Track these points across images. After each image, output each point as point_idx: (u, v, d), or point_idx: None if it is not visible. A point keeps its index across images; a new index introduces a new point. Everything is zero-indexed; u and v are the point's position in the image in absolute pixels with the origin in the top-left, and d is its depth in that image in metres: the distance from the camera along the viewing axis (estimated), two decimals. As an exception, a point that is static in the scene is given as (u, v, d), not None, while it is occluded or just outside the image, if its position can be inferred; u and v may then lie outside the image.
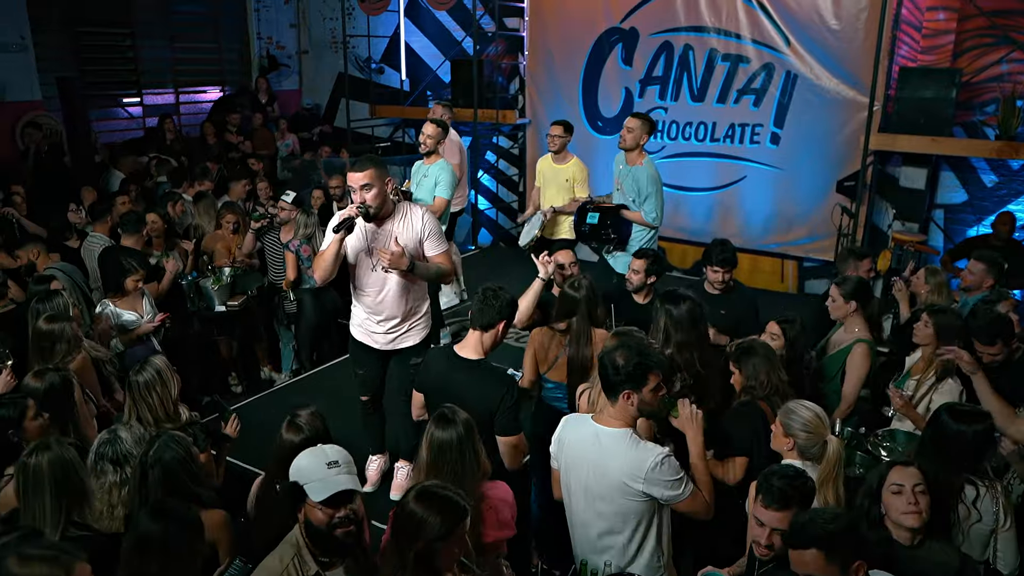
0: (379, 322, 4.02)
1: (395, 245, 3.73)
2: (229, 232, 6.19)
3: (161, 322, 4.99)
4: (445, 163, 5.64)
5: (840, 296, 4.13)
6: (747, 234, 8.02)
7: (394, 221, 3.87)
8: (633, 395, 2.69)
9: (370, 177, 3.68)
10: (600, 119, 8.75)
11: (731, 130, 7.92)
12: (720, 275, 4.53)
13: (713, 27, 7.80)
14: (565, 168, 6.30)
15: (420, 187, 5.62)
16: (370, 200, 3.70)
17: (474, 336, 3.29)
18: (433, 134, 5.64)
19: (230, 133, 9.67)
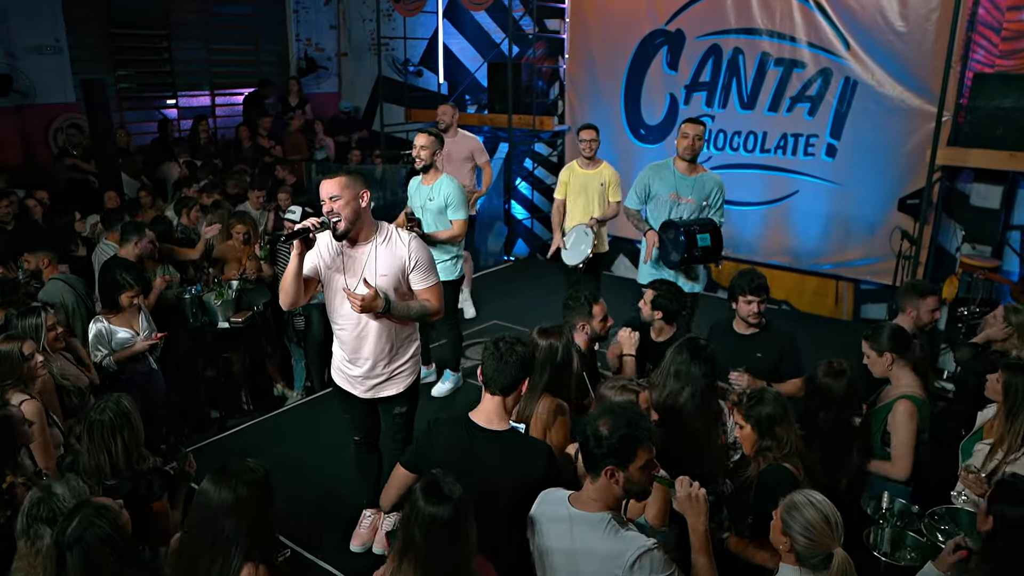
0: (357, 364, 3.47)
1: (365, 285, 3.22)
2: (240, 243, 5.92)
3: (158, 340, 4.72)
4: (449, 179, 5.11)
5: (873, 352, 3.58)
6: (798, 253, 7.43)
7: (373, 243, 3.32)
8: (618, 473, 2.25)
9: (339, 186, 3.19)
10: (643, 127, 8.25)
11: (783, 140, 7.33)
12: (755, 306, 4.00)
13: (765, 29, 7.23)
14: (598, 172, 5.93)
15: (426, 212, 5.08)
16: (337, 210, 3.17)
17: (493, 402, 2.70)
18: (428, 145, 5.01)
19: (261, 137, 9.49)
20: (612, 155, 8.38)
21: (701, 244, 4.75)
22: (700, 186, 4.94)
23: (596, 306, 3.86)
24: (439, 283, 3.48)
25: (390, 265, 3.30)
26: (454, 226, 5.08)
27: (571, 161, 6.14)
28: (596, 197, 5.89)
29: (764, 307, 4.04)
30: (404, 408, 3.64)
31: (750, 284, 3.99)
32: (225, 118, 10.23)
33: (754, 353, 4.01)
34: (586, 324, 3.83)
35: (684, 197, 4.96)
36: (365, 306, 3.20)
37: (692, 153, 4.90)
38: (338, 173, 3.28)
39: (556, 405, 3.11)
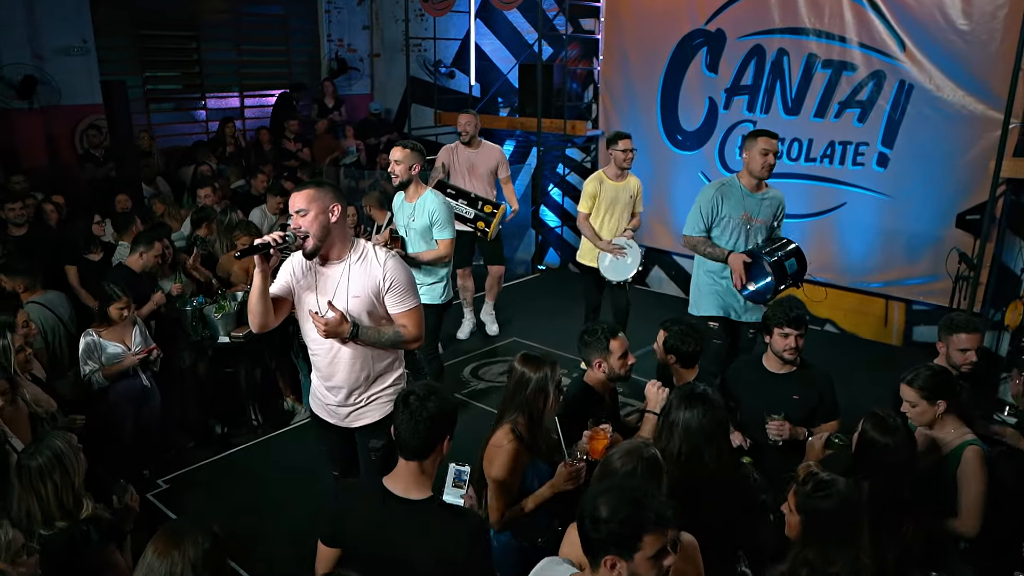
0: (332, 391, 3.17)
1: (331, 309, 2.93)
2: (244, 251, 5.68)
3: (147, 355, 4.49)
4: (433, 195, 4.74)
5: (922, 399, 3.08)
6: (845, 270, 6.90)
7: (347, 262, 3.02)
8: (620, 564, 1.87)
9: (306, 200, 2.89)
10: (680, 132, 7.80)
11: (830, 149, 6.81)
12: (793, 340, 3.53)
13: (813, 29, 6.72)
14: (628, 183, 5.71)
15: (410, 231, 4.75)
16: (305, 226, 2.88)
17: (409, 467, 2.31)
18: (403, 159, 4.59)
19: (288, 140, 9.31)
20: (647, 162, 7.99)
21: (791, 272, 4.30)
22: (769, 204, 4.50)
23: (614, 341, 3.36)
24: (418, 307, 3.13)
25: (363, 286, 3.00)
26: (439, 246, 4.73)
27: (598, 171, 5.79)
28: (627, 210, 5.69)
29: (803, 343, 3.58)
30: (380, 442, 3.19)
31: (787, 315, 3.53)
32: (254, 120, 10.09)
33: (790, 395, 3.58)
34: (602, 362, 3.38)
35: (756, 218, 4.45)
36: (330, 331, 2.93)
37: (766, 172, 4.39)
38: (307, 185, 2.99)
39: (510, 436, 2.81)
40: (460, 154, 6.32)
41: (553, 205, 9.28)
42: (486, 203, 5.84)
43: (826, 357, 6.17)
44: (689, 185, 7.75)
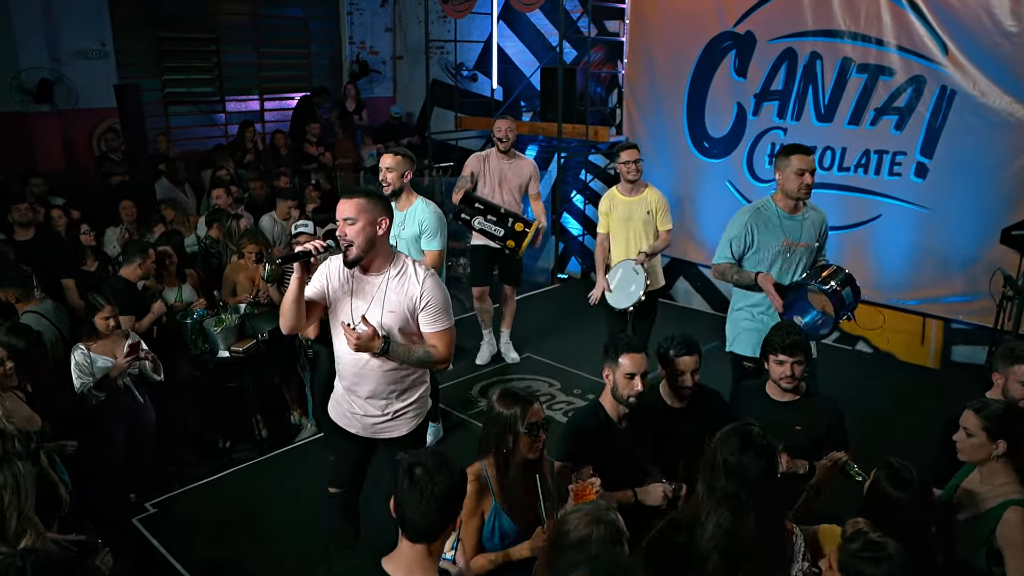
0: (358, 402, 3.15)
1: (364, 323, 2.93)
2: (252, 263, 5.53)
3: (136, 356, 4.31)
4: (424, 204, 4.52)
5: (982, 432, 2.75)
6: (879, 285, 6.52)
7: (386, 275, 3.00)
8: None
9: (357, 209, 2.89)
10: (706, 139, 7.49)
11: (865, 158, 6.45)
12: (788, 368, 3.24)
13: (848, 31, 6.37)
14: (642, 199, 5.14)
15: (400, 241, 4.52)
16: (351, 236, 2.88)
17: (415, 550, 1.97)
18: (395, 166, 4.40)
19: (309, 144, 9.17)
20: (672, 170, 7.70)
21: (848, 301, 3.90)
22: (812, 224, 4.11)
23: (627, 356, 3.05)
24: (451, 329, 3.11)
25: (399, 302, 2.99)
26: (427, 257, 4.52)
27: (611, 188, 5.35)
28: (643, 227, 5.12)
29: (802, 371, 3.28)
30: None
31: (783, 341, 3.24)
32: (274, 123, 9.98)
33: (792, 425, 3.29)
34: (610, 373, 3.12)
35: (798, 242, 4.06)
36: (361, 345, 2.93)
37: (804, 192, 4.01)
38: (357, 193, 2.96)
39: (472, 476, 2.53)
40: (492, 163, 5.84)
41: (575, 212, 9.01)
42: (518, 220, 5.45)
43: (857, 379, 5.94)
44: (716, 194, 7.45)
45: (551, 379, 5.81)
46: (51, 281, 5.67)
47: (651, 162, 7.92)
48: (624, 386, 3.07)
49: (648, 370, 3.11)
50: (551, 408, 5.33)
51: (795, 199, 4.03)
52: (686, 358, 3.34)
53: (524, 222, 5.44)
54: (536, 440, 2.66)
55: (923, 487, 2.56)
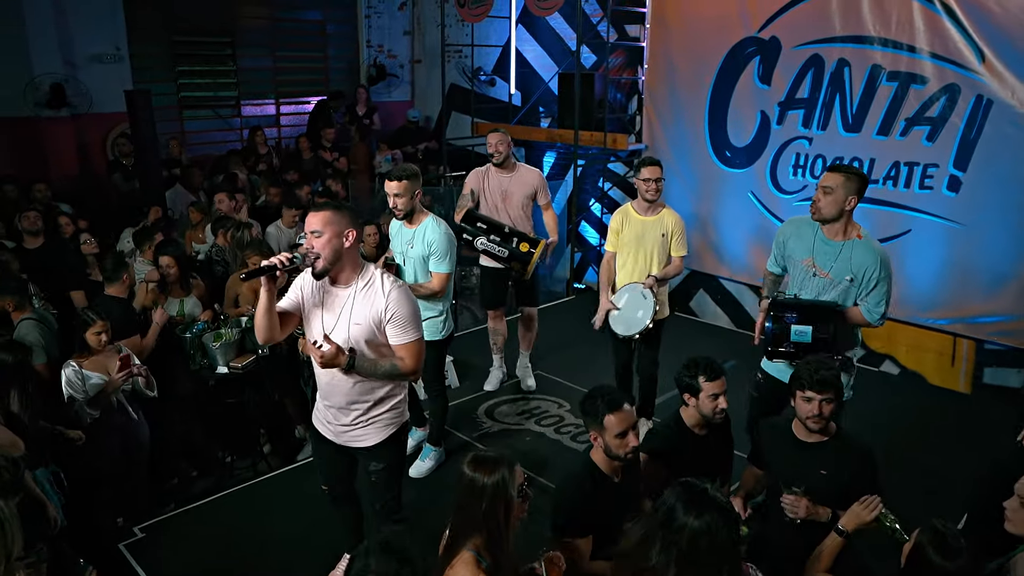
0: (332, 411, 3.18)
1: (327, 341, 2.92)
2: (256, 270, 5.40)
3: (128, 375, 4.18)
4: (435, 223, 4.31)
5: None
6: (908, 303, 6.23)
7: (353, 288, 3.01)
8: None
9: (323, 222, 2.89)
10: (728, 148, 7.23)
11: (894, 170, 6.16)
12: (816, 406, 2.99)
13: (878, 37, 6.08)
14: (659, 219, 4.73)
15: (408, 260, 4.37)
16: (318, 248, 2.88)
17: None
18: (402, 191, 4.15)
19: (324, 149, 9.07)
20: (692, 180, 7.47)
21: (796, 339, 3.57)
22: (847, 258, 3.58)
23: (611, 416, 2.82)
24: (418, 341, 3.07)
25: (365, 314, 2.99)
26: (434, 280, 4.32)
27: (626, 203, 5.00)
28: (656, 251, 4.72)
29: (832, 410, 3.04)
30: (381, 465, 3.22)
31: (812, 376, 2.99)
32: (290, 128, 9.89)
33: (817, 469, 3.06)
34: (598, 436, 2.89)
35: (823, 270, 3.67)
36: (326, 363, 2.92)
37: (819, 211, 3.59)
38: (325, 207, 2.96)
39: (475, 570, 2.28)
40: (492, 179, 5.48)
41: (593, 220, 8.80)
42: (523, 240, 5.11)
43: (884, 404, 5.65)
44: (737, 205, 7.20)
45: (560, 400, 5.59)
46: (58, 290, 5.61)
47: (671, 171, 7.69)
48: (618, 447, 2.85)
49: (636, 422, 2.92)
50: (559, 432, 5.12)
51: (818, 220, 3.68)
52: (717, 382, 3.20)
53: (530, 241, 5.11)
54: (525, 501, 2.46)
55: (974, 561, 2.30)
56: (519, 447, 4.91)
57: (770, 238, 3.77)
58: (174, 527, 4.22)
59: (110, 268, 4.74)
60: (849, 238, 3.63)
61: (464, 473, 2.42)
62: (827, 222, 3.64)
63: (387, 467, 3.22)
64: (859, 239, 3.64)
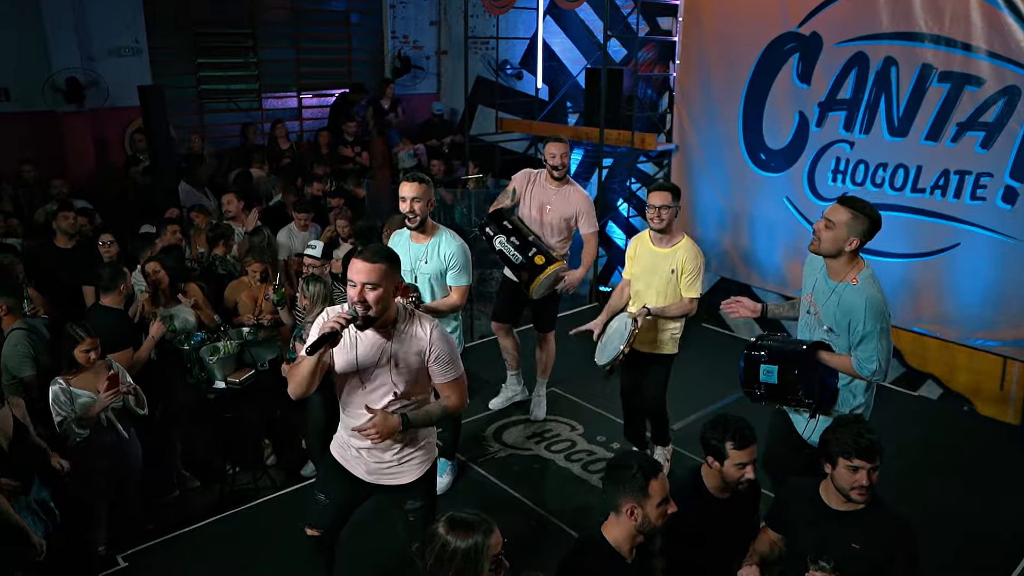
0: (365, 450, 2.97)
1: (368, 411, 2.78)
2: (256, 281, 5.20)
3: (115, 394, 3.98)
4: (450, 236, 4.03)
5: None
6: (955, 322, 5.80)
7: (394, 330, 2.82)
8: None
9: (380, 275, 2.66)
10: (763, 151, 6.81)
11: (943, 178, 5.70)
12: (864, 476, 2.65)
13: (930, 34, 5.60)
14: (671, 253, 4.14)
15: (419, 276, 4.08)
16: (371, 301, 2.67)
17: None
18: (421, 195, 3.87)
19: (345, 145, 8.83)
20: (725, 183, 7.09)
21: (765, 380, 3.24)
22: (837, 302, 3.18)
23: (655, 482, 2.56)
24: (462, 376, 2.96)
25: (407, 359, 2.84)
26: (454, 294, 4.07)
27: (644, 230, 4.40)
28: (664, 286, 4.16)
29: (877, 478, 2.70)
30: (419, 503, 3.05)
31: (857, 442, 2.64)
32: (312, 121, 9.68)
33: (848, 541, 2.72)
34: (635, 508, 2.55)
35: (818, 308, 3.30)
36: (384, 435, 2.78)
37: (818, 245, 3.20)
38: (379, 256, 2.69)
39: None
40: (537, 187, 4.98)
41: (620, 221, 8.45)
42: (540, 252, 4.72)
43: (919, 435, 5.23)
44: (772, 211, 6.79)
45: (573, 422, 5.26)
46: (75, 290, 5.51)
47: (702, 174, 7.33)
48: (658, 516, 2.57)
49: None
50: (569, 459, 4.81)
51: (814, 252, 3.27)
52: (746, 450, 2.88)
53: (548, 257, 4.72)
54: (500, 572, 2.18)
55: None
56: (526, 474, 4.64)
57: (805, 247, 3.35)
58: (161, 555, 4.01)
59: (107, 277, 4.55)
60: (843, 280, 3.18)
61: (437, 533, 2.17)
62: (830, 257, 3.21)
63: (425, 505, 3.06)
64: (853, 284, 3.16)
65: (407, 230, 4.05)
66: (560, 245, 4.98)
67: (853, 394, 3.32)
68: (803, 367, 3.21)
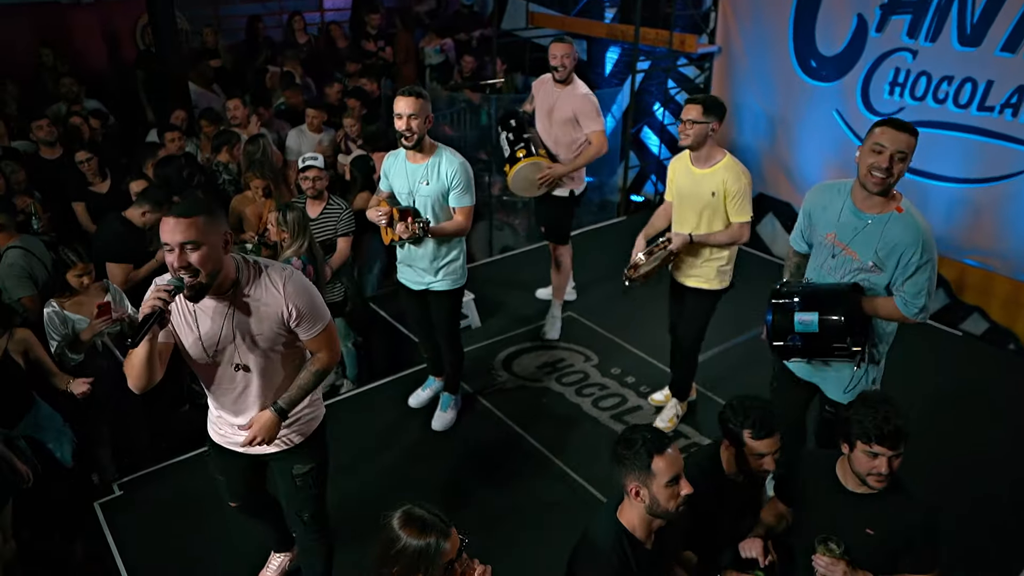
0: (237, 424, 2.67)
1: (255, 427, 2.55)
2: (260, 196, 4.97)
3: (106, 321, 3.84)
4: (451, 155, 3.71)
5: None
6: (1008, 255, 5.33)
7: (236, 293, 2.39)
8: None
9: (200, 230, 2.23)
10: (815, 57, 6.17)
11: (1016, 96, 5.08)
12: (884, 464, 2.38)
13: (1018, -76, 4.87)
14: (711, 174, 3.75)
15: (418, 198, 3.76)
16: (197, 263, 2.23)
17: None
18: (418, 111, 3.52)
19: (367, 40, 8.32)
20: (770, 91, 6.54)
21: (800, 329, 2.91)
22: (879, 234, 2.81)
23: (660, 458, 2.28)
24: (329, 324, 2.58)
25: (261, 322, 2.44)
26: (459, 215, 3.76)
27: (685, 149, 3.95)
28: (704, 211, 3.78)
29: (899, 464, 2.43)
30: (307, 467, 2.78)
31: (881, 427, 2.35)
32: (335, 12, 9.12)
33: (863, 526, 2.49)
34: (639, 488, 2.31)
35: (848, 247, 2.92)
36: (268, 438, 2.56)
37: (883, 185, 2.76)
38: (195, 210, 2.24)
39: None
40: (545, 91, 4.89)
41: (656, 126, 7.91)
42: (526, 148, 4.73)
43: (964, 373, 4.89)
44: (819, 126, 6.25)
45: (589, 351, 5.02)
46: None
47: (746, 80, 6.75)
48: (668, 498, 2.29)
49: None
50: (580, 393, 4.60)
51: (866, 190, 2.84)
52: (766, 440, 2.62)
53: (528, 152, 4.68)
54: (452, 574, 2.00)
55: None
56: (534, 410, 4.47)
57: (852, 166, 2.93)
58: (157, 483, 3.99)
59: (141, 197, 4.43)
60: (886, 210, 2.82)
61: (391, 525, 1.97)
62: (877, 193, 2.80)
63: (315, 467, 2.80)
64: (898, 213, 2.81)
65: (403, 150, 3.72)
66: (574, 146, 4.81)
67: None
68: (850, 310, 2.85)
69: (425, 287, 3.95)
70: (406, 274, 4.00)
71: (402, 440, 4.26)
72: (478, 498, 3.81)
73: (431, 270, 3.88)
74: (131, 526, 3.66)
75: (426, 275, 3.91)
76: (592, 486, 3.87)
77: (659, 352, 4.83)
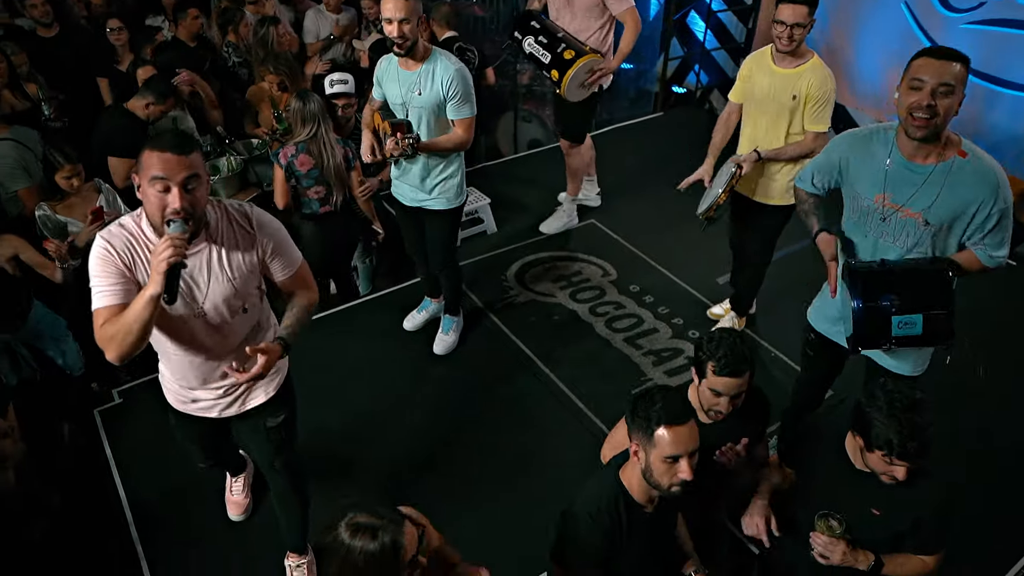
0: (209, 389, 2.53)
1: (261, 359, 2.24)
2: (275, 90, 4.68)
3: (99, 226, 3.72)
4: (447, 60, 3.34)
5: None
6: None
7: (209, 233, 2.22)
8: None
9: (199, 165, 2.08)
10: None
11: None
12: (900, 471, 2.13)
13: None
14: (795, 75, 3.40)
15: (411, 110, 3.42)
16: (200, 200, 2.11)
17: None
18: (409, 14, 3.15)
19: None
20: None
21: (902, 333, 2.51)
22: (944, 189, 2.44)
23: (665, 429, 2.06)
24: (304, 264, 2.45)
25: (240, 261, 2.27)
26: (458, 128, 3.44)
27: (766, 46, 3.56)
28: (782, 118, 3.49)
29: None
30: (280, 417, 2.67)
31: (903, 443, 2.07)
32: None
33: (869, 506, 2.30)
34: (639, 450, 2.14)
35: (903, 207, 2.53)
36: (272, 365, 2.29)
37: (929, 128, 2.36)
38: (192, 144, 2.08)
39: None
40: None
41: (703, 9, 7.22)
42: (569, 47, 4.24)
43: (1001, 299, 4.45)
44: (884, 20, 5.63)
45: (607, 265, 4.73)
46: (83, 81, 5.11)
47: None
48: (663, 473, 2.09)
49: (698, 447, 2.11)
50: (593, 312, 4.36)
51: (912, 136, 2.41)
52: (729, 379, 2.37)
53: (577, 51, 4.21)
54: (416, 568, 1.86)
55: None
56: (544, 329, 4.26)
57: None
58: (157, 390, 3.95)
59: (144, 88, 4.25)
60: (946, 158, 2.43)
61: (339, 540, 1.79)
62: (931, 140, 2.41)
63: (287, 419, 2.70)
64: (962, 158, 2.41)
65: (394, 56, 3.35)
66: (599, 35, 4.41)
67: None
68: (949, 297, 2.50)
69: (419, 204, 3.69)
70: (400, 189, 3.74)
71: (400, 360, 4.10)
72: (478, 429, 3.66)
73: (425, 188, 3.61)
74: (130, 434, 3.65)
75: (419, 192, 3.64)
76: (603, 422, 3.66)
77: (684, 271, 4.58)
